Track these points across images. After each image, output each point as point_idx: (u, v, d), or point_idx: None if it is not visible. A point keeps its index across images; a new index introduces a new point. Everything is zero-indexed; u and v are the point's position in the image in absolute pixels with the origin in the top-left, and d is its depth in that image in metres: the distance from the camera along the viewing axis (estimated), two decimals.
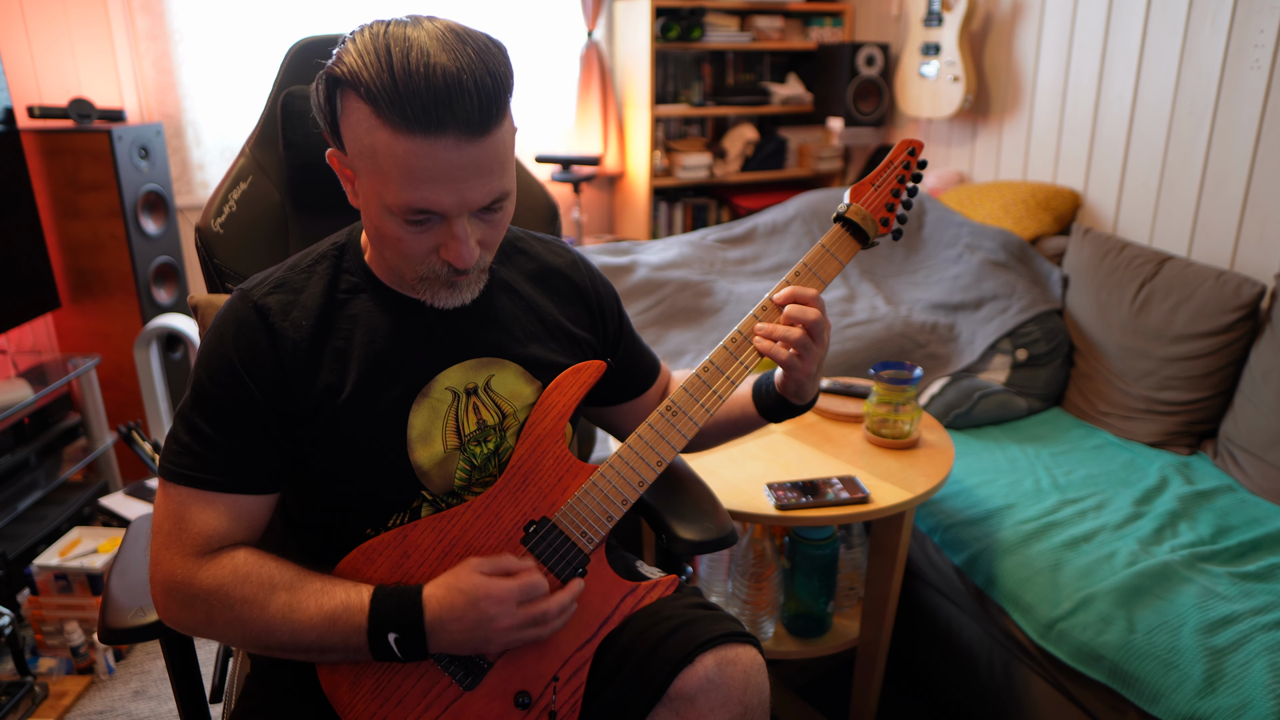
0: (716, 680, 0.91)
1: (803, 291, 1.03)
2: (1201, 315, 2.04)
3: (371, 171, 0.86)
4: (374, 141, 0.84)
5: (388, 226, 0.89)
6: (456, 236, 0.89)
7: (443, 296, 0.96)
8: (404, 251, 0.90)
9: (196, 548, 0.91)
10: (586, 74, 3.44)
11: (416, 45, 0.82)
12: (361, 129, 0.85)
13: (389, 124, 0.82)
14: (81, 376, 2.45)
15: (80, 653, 1.97)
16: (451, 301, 0.96)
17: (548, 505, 0.99)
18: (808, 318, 1.00)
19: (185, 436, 0.92)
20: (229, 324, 0.94)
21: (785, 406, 1.12)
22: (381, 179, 0.85)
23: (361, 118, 0.84)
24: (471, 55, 0.82)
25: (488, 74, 0.83)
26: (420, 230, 0.88)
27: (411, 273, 0.93)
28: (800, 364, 1.02)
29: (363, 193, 0.90)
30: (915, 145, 1.09)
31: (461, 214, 0.88)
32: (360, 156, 0.87)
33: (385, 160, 0.84)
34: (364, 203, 0.91)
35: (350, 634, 0.88)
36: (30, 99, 2.53)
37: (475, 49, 0.83)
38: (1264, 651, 1.35)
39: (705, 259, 2.75)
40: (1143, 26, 2.45)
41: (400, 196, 0.85)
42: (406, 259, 0.91)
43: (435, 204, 0.85)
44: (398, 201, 0.85)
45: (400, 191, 0.85)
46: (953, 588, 1.75)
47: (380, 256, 0.97)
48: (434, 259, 0.91)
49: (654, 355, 1.25)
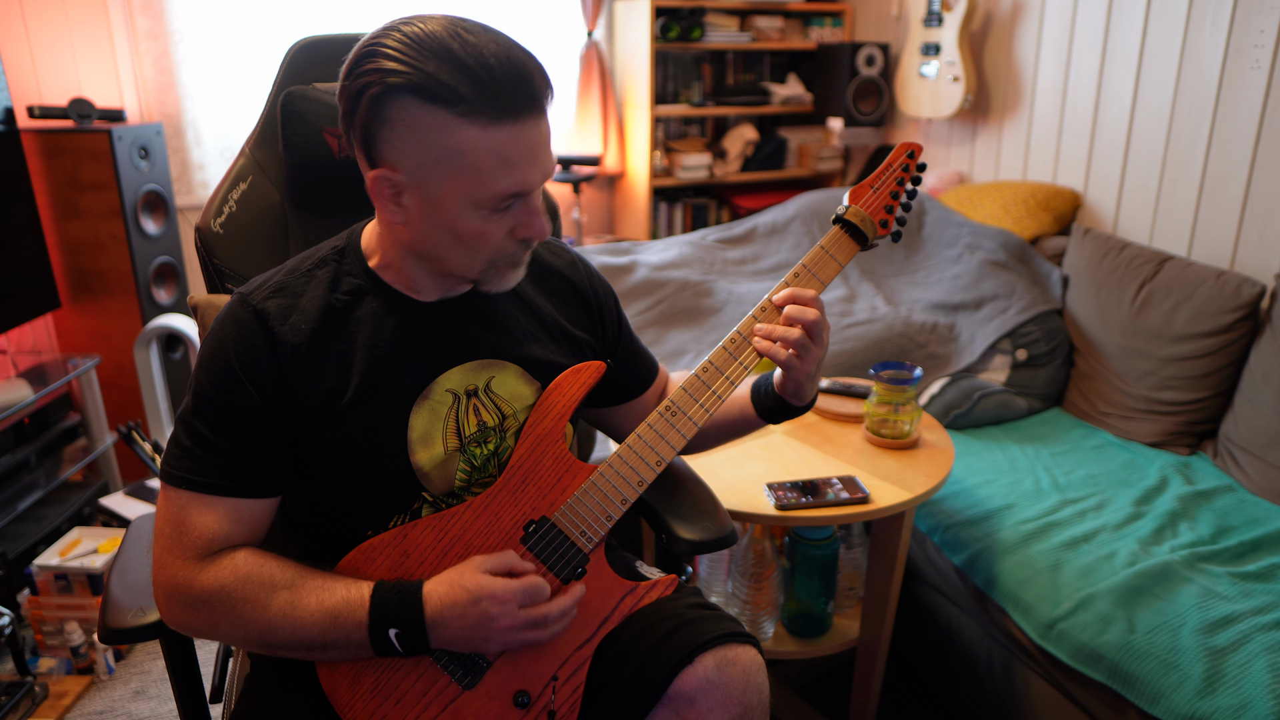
0: (716, 680, 0.91)
1: (802, 293, 1.03)
2: (1201, 315, 2.04)
3: (455, 174, 0.86)
4: (458, 142, 0.84)
5: (469, 224, 0.89)
6: (534, 210, 0.92)
7: (508, 277, 0.97)
8: (484, 244, 0.91)
9: (197, 551, 0.91)
10: (586, 74, 3.44)
11: (469, 40, 0.83)
12: (435, 134, 0.84)
13: (478, 120, 0.83)
14: (81, 376, 2.45)
15: (80, 653, 1.97)
16: (513, 280, 0.98)
17: (547, 505, 0.99)
18: (807, 318, 1.00)
19: (186, 440, 0.93)
20: (228, 328, 0.94)
21: (784, 408, 1.12)
22: (471, 176, 0.86)
23: (434, 123, 0.84)
24: (502, 39, 0.86)
25: (527, 53, 0.87)
26: (502, 216, 0.90)
27: (484, 264, 0.94)
28: (799, 364, 1.02)
29: (427, 203, 0.89)
30: (914, 148, 1.09)
31: (540, 187, 0.91)
32: (434, 164, 0.86)
33: (476, 156, 0.85)
34: (426, 213, 0.90)
35: (351, 630, 0.89)
36: (30, 99, 2.53)
37: (495, 33, 0.86)
38: (1264, 651, 1.35)
39: (705, 259, 2.75)
40: (1143, 26, 2.45)
41: (496, 186, 0.86)
42: (483, 251, 0.92)
43: (527, 183, 0.88)
44: (492, 192, 0.87)
45: (496, 181, 0.86)
46: (953, 588, 1.75)
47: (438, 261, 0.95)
48: (509, 241, 0.93)
49: (652, 356, 1.25)
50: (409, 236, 0.94)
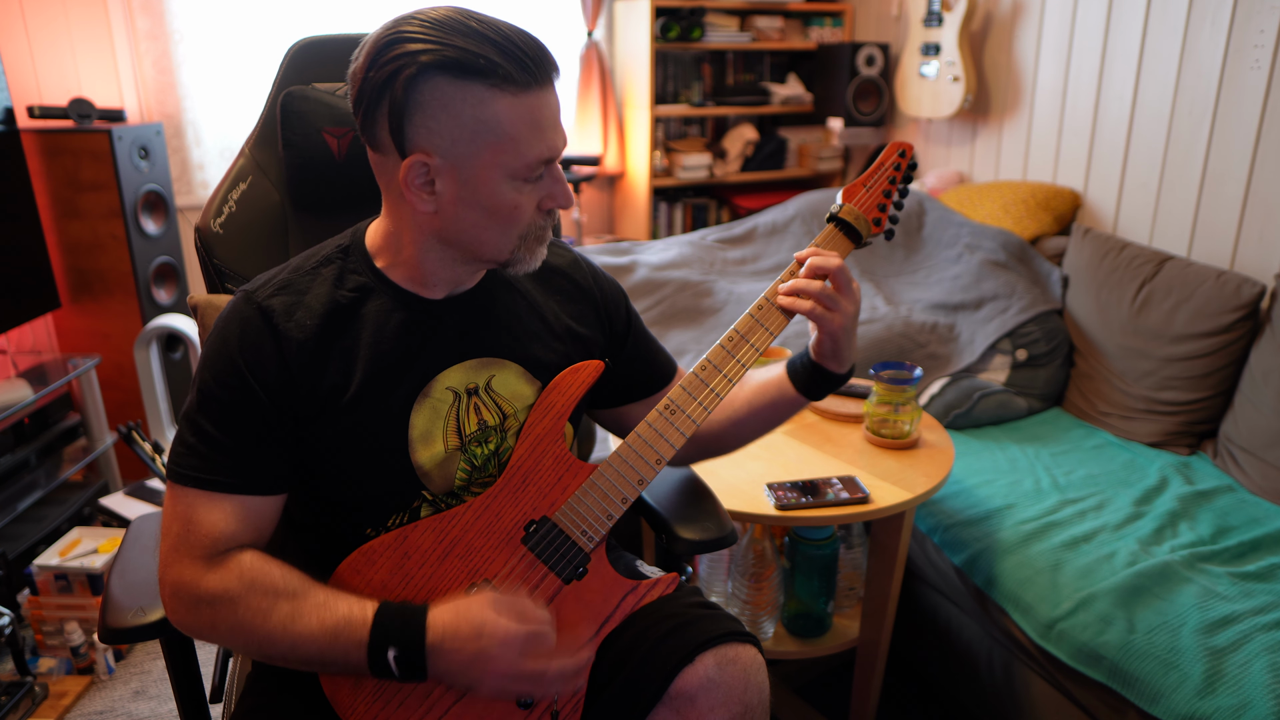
0: (717, 679, 0.91)
1: (821, 250, 1.04)
2: (1201, 315, 2.04)
3: (491, 145, 0.88)
4: (495, 113, 0.87)
5: (505, 197, 0.91)
6: (559, 179, 0.94)
7: (536, 254, 0.98)
8: (519, 217, 0.93)
9: (204, 550, 0.90)
10: (586, 74, 3.44)
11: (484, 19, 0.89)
12: (469, 110, 0.87)
13: (509, 88, 0.86)
14: (81, 376, 2.45)
15: (80, 653, 1.97)
16: (539, 258, 0.99)
17: (548, 505, 0.99)
18: (830, 266, 1.01)
19: (191, 438, 0.92)
20: (233, 325, 0.94)
21: (823, 376, 1.08)
22: (509, 146, 0.88)
23: (468, 98, 0.86)
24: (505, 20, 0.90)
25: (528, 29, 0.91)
26: (534, 187, 0.92)
27: (515, 240, 0.95)
28: (829, 316, 1.01)
29: (463, 183, 0.90)
30: (905, 147, 1.10)
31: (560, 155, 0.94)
32: (469, 140, 0.88)
33: (511, 123, 0.87)
34: (461, 194, 0.91)
35: (351, 649, 0.87)
36: (30, 99, 2.53)
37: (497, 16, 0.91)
38: (1264, 651, 1.35)
39: (705, 259, 2.75)
40: (1143, 26, 2.45)
41: (531, 151, 0.89)
42: (516, 225, 0.94)
43: (556, 148, 0.91)
44: (527, 159, 0.89)
45: (531, 146, 0.89)
46: (953, 588, 1.75)
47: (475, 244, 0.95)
48: (537, 215, 0.95)
49: (670, 357, 1.24)
50: (440, 224, 0.94)
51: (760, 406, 1.15)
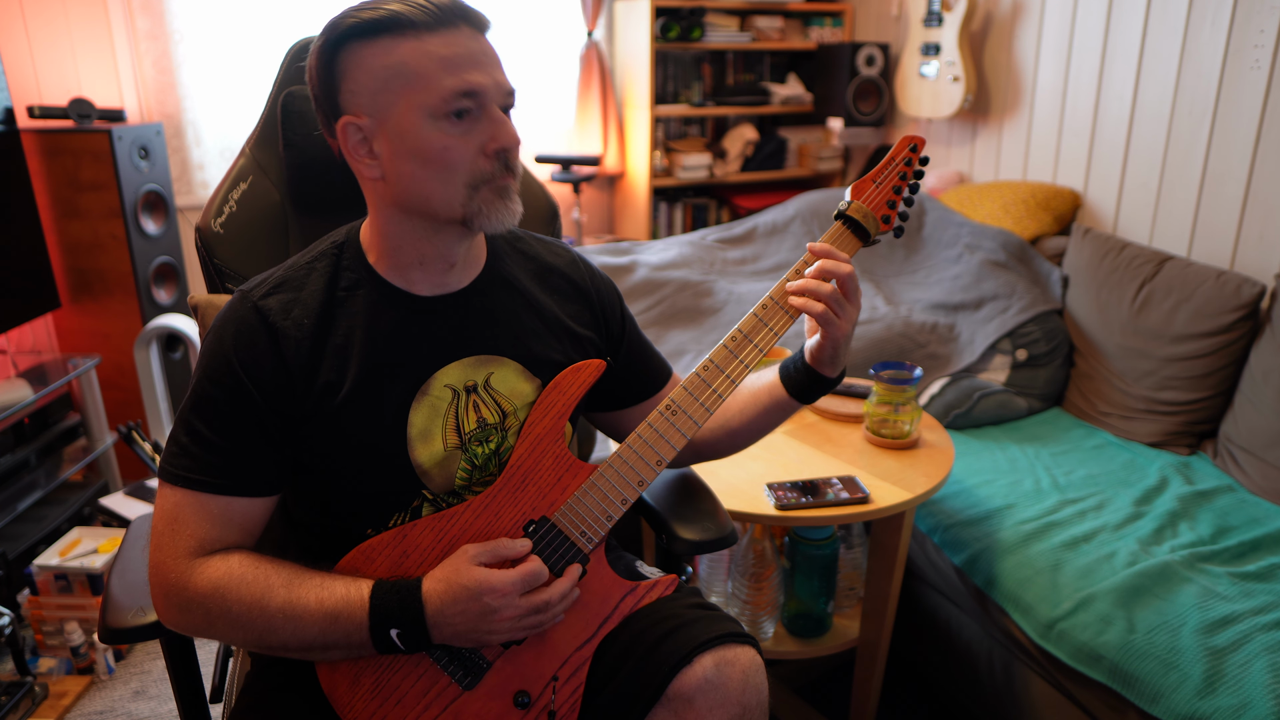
0: (715, 681, 0.91)
1: (835, 251, 1.02)
2: (1201, 315, 2.04)
3: (404, 88, 0.89)
4: (400, 58, 0.88)
5: (432, 139, 0.90)
6: (498, 120, 0.92)
7: (498, 210, 0.94)
8: (452, 161, 0.91)
9: (190, 550, 0.91)
10: (586, 74, 3.44)
11: None
12: (378, 59, 0.89)
13: (410, 34, 0.88)
14: (81, 376, 2.45)
15: (80, 653, 1.97)
16: (504, 217, 0.95)
17: (547, 505, 0.99)
18: (841, 271, 0.99)
19: (184, 438, 0.93)
20: (229, 325, 0.94)
21: (816, 381, 1.08)
22: (420, 84, 0.88)
23: (375, 50, 0.89)
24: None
25: None
26: (464, 129, 0.90)
27: (464, 188, 0.92)
28: (837, 321, 1.00)
29: (391, 136, 0.90)
30: (917, 142, 1.07)
31: (496, 99, 0.91)
32: (384, 89, 0.89)
33: (416, 61, 0.88)
34: (394, 149, 0.91)
35: (352, 630, 0.89)
36: (30, 99, 2.53)
37: None
38: (1264, 651, 1.35)
39: (705, 259, 2.75)
40: (1143, 26, 2.45)
41: (442, 85, 0.88)
42: (457, 169, 0.91)
43: (473, 83, 0.89)
44: (441, 92, 0.88)
45: (440, 80, 0.88)
46: (953, 588, 1.75)
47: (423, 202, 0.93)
48: (482, 160, 0.92)
49: (664, 361, 1.24)
50: (391, 189, 0.94)
51: (753, 413, 1.14)
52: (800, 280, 1.01)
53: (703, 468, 1.55)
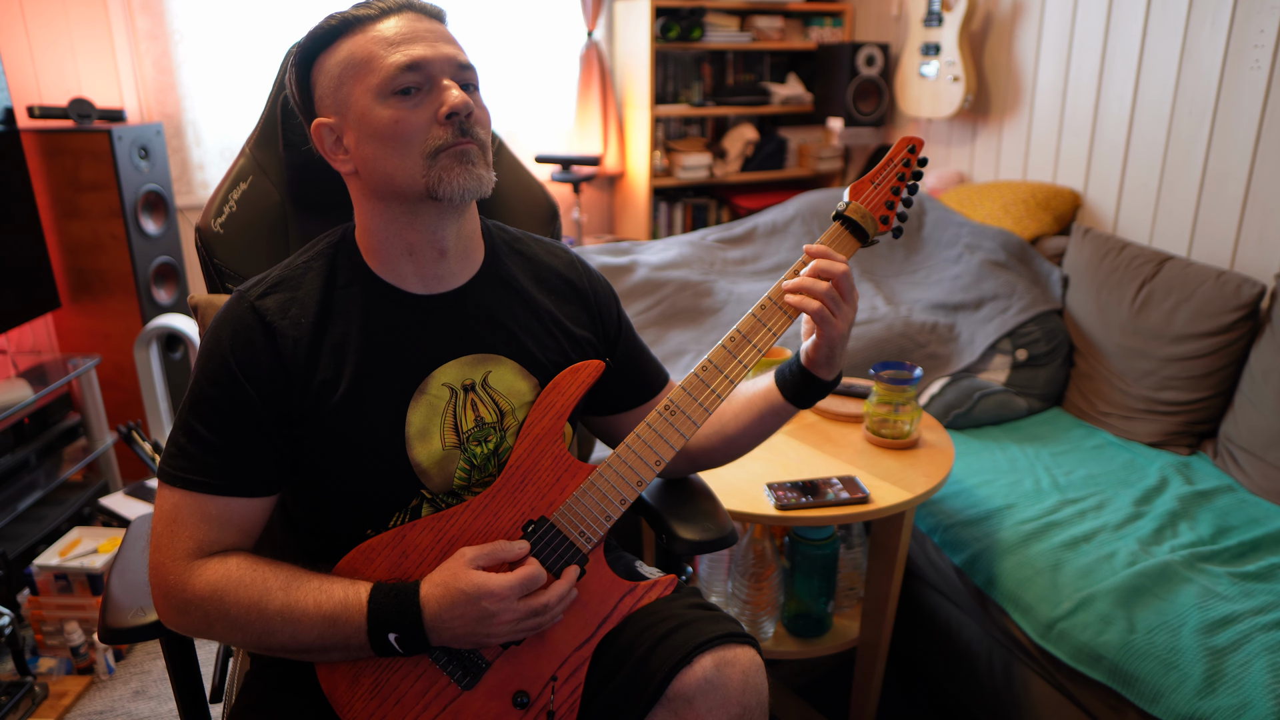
0: (715, 681, 0.91)
1: (831, 251, 1.02)
2: (1201, 315, 2.04)
3: (354, 76, 0.93)
4: (349, 51, 0.93)
5: (384, 115, 0.92)
6: (445, 88, 0.93)
7: (459, 176, 0.92)
8: (405, 133, 0.92)
9: (189, 551, 0.91)
10: (586, 74, 3.44)
11: None
12: (333, 60, 0.94)
13: (356, 29, 0.94)
14: (81, 376, 2.45)
15: (80, 653, 1.97)
16: (467, 181, 0.93)
17: (546, 505, 0.99)
18: (835, 271, 0.99)
19: (182, 439, 0.93)
20: (225, 326, 0.95)
21: (813, 384, 1.08)
22: (366, 69, 0.92)
23: (332, 53, 0.95)
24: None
25: None
26: (415, 103, 0.92)
27: (420, 160, 0.92)
28: (834, 320, 1.00)
29: (353, 124, 0.94)
30: (915, 142, 1.07)
31: (443, 73, 0.93)
32: (340, 84, 0.94)
33: (362, 49, 0.93)
34: (358, 135, 0.94)
35: (350, 634, 0.89)
36: (30, 99, 2.53)
37: None
38: (1264, 651, 1.35)
39: (705, 259, 2.75)
40: (1143, 26, 2.45)
41: (386, 63, 0.91)
42: (411, 140, 0.92)
43: (417, 55, 0.92)
44: (386, 70, 0.91)
45: (385, 59, 0.91)
46: (953, 588, 1.75)
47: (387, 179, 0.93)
48: (436, 128, 0.93)
49: (660, 366, 1.23)
50: (362, 179, 0.96)
51: (749, 418, 1.13)
52: (796, 279, 1.01)
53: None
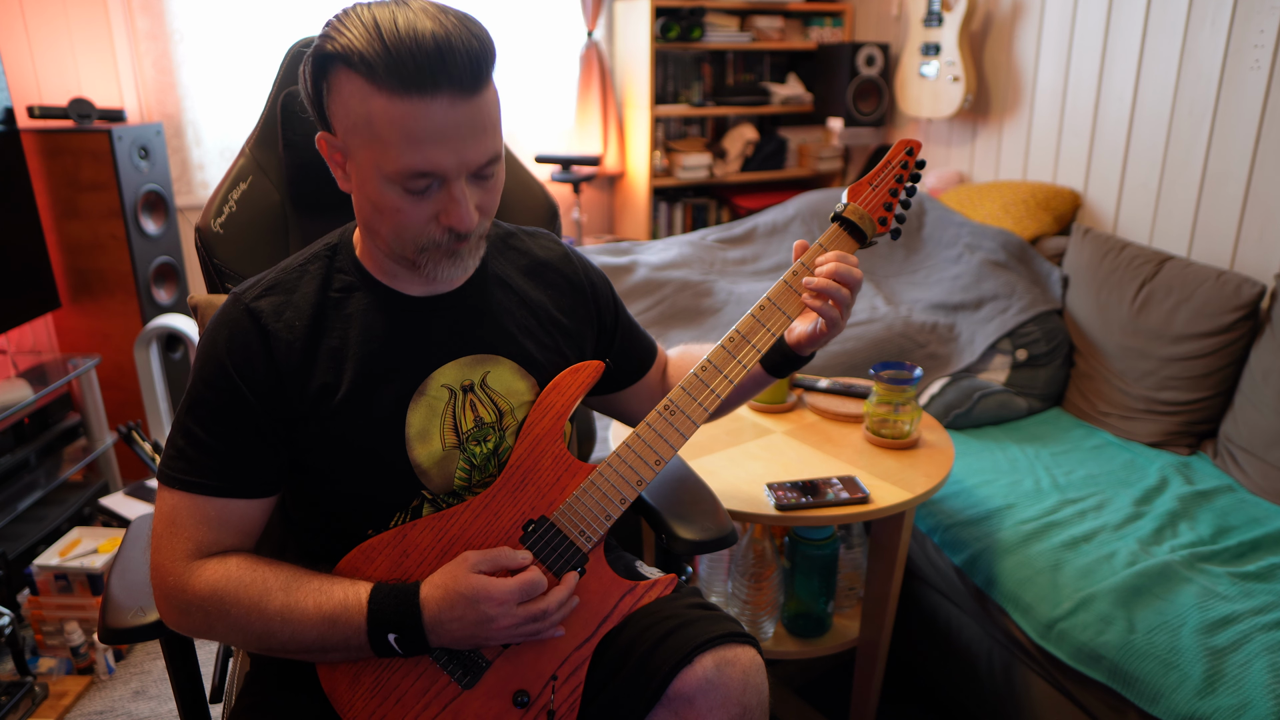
0: (715, 681, 0.91)
1: (849, 257, 1.04)
2: (1201, 315, 2.04)
3: (368, 142, 0.86)
4: (369, 110, 0.84)
5: (386, 198, 0.88)
6: (456, 199, 0.88)
7: (445, 268, 0.94)
8: (403, 223, 0.90)
9: (189, 553, 0.91)
10: (586, 74, 3.44)
11: (402, 15, 0.84)
12: (355, 101, 0.85)
13: (384, 89, 0.83)
14: (81, 376, 2.45)
15: (80, 653, 1.97)
16: (453, 273, 0.95)
17: (546, 504, 0.99)
18: (855, 278, 1.02)
19: (180, 441, 0.93)
20: (221, 328, 0.95)
21: (795, 360, 1.13)
22: (380, 147, 0.85)
23: (354, 89, 0.85)
24: (455, 20, 0.85)
25: (473, 36, 0.85)
26: (420, 198, 0.88)
27: (412, 246, 0.92)
28: (841, 321, 1.04)
29: (357, 170, 0.90)
30: (913, 145, 1.08)
31: (460, 175, 0.88)
32: (354, 130, 0.87)
33: (383, 127, 0.84)
34: (358, 181, 0.91)
35: (350, 634, 0.89)
36: (30, 99, 2.53)
37: (457, 16, 0.86)
38: (1264, 651, 1.35)
39: (705, 259, 2.75)
40: (1143, 26, 2.45)
41: (400, 161, 0.85)
42: (406, 230, 0.90)
43: (436, 164, 0.86)
44: (398, 167, 0.85)
45: (400, 156, 0.85)
46: (953, 588, 1.75)
47: (376, 236, 0.95)
48: (434, 227, 0.91)
49: (649, 337, 1.25)
50: (358, 208, 0.95)
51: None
52: (818, 281, 1.01)
53: (703, 467, 1.55)
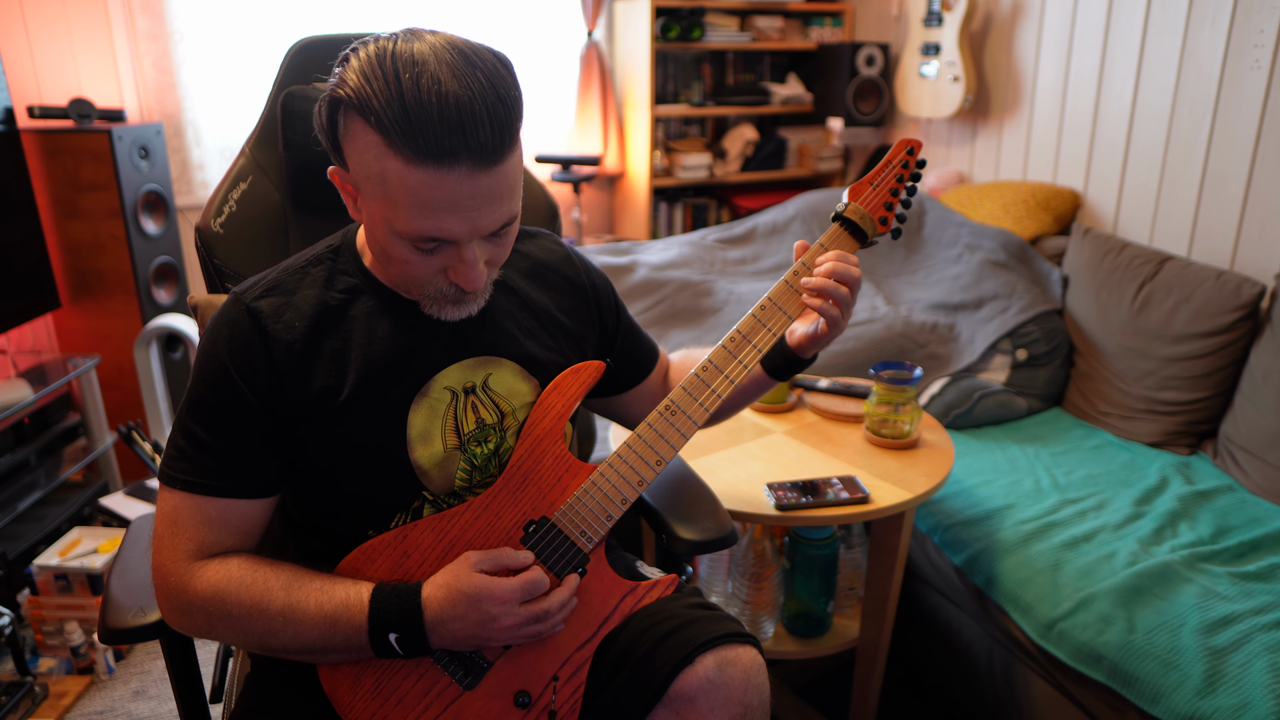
0: (716, 681, 0.91)
1: (848, 256, 1.04)
2: (1201, 315, 2.04)
3: (380, 197, 0.85)
4: (383, 170, 0.82)
5: (395, 249, 0.89)
6: (466, 261, 0.89)
7: (449, 311, 0.97)
8: (411, 273, 0.91)
9: (190, 553, 0.91)
10: (586, 74, 3.44)
11: (426, 72, 0.79)
12: (370, 155, 0.83)
13: (400, 154, 0.80)
14: (81, 376, 2.45)
15: (80, 653, 1.97)
16: (458, 314, 0.98)
17: (547, 505, 0.99)
18: (854, 277, 1.02)
19: (181, 441, 0.93)
20: (222, 328, 0.95)
21: (797, 363, 1.13)
22: (391, 206, 0.84)
23: (369, 144, 0.82)
24: (482, 81, 0.81)
25: (499, 100, 0.81)
26: (429, 255, 0.89)
27: (418, 290, 0.95)
28: (842, 321, 1.04)
29: (368, 211, 0.90)
30: (914, 144, 1.08)
31: (472, 240, 0.88)
32: (367, 180, 0.85)
33: (396, 189, 0.83)
34: (368, 224, 0.92)
35: (351, 634, 0.89)
36: (30, 99, 2.53)
37: (485, 73, 0.82)
38: (1264, 651, 1.35)
39: (705, 259, 2.75)
40: (1143, 26, 2.45)
41: (411, 225, 0.85)
42: (413, 279, 0.93)
43: (447, 233, 0.85)
44: (408, 230, 0.85)
45: (411, 220, 0.84)
46: (953, 588, 1.75)
47: (385, 268, 0.98)
48: (441, 279, 0.92)
49: (651, 340, 1.25)
50: (370, 238, 0.95)
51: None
52: (817, 280, 1.02)
53: (703, 467, 1.55)
